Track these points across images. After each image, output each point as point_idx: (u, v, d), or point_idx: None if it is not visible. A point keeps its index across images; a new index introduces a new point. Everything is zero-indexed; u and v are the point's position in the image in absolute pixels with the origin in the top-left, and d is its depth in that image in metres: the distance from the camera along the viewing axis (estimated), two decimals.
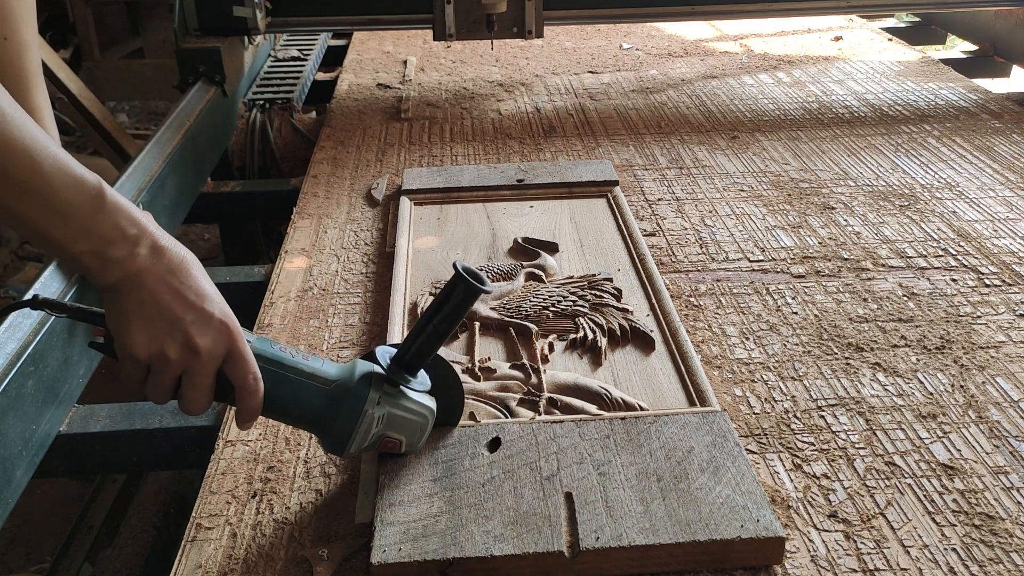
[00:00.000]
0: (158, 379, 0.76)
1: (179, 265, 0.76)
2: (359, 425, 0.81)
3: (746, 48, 2.43)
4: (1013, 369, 1.04)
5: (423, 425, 0.86)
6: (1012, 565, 0.77)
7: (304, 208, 1.49)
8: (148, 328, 0.74)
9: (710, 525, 0.77)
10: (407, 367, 0.83)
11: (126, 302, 0.74)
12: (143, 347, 0.74)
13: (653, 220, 1.42)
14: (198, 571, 0.78)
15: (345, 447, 0.82)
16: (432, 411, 0.86)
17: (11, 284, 2.66)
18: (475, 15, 1.90)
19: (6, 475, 0.86)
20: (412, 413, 0.84)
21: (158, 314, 0.74)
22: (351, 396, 0.81)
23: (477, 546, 0.75)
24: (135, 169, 1.31)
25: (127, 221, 0.73)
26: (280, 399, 0.81)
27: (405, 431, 0.84)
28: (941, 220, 1.40)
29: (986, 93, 1.98)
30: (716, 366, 1.06)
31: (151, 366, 0.76)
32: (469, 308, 0.83)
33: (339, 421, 0.81)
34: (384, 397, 0.82)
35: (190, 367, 0.76)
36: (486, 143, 1.76)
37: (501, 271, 1.21)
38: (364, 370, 0.83)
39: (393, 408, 0.83)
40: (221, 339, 0.76)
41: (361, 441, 0.82)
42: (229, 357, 0.77)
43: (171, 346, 0.75)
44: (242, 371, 0.77)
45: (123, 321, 0.75)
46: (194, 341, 0.75)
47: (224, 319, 0.77)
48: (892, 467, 0.89)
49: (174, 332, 0.75)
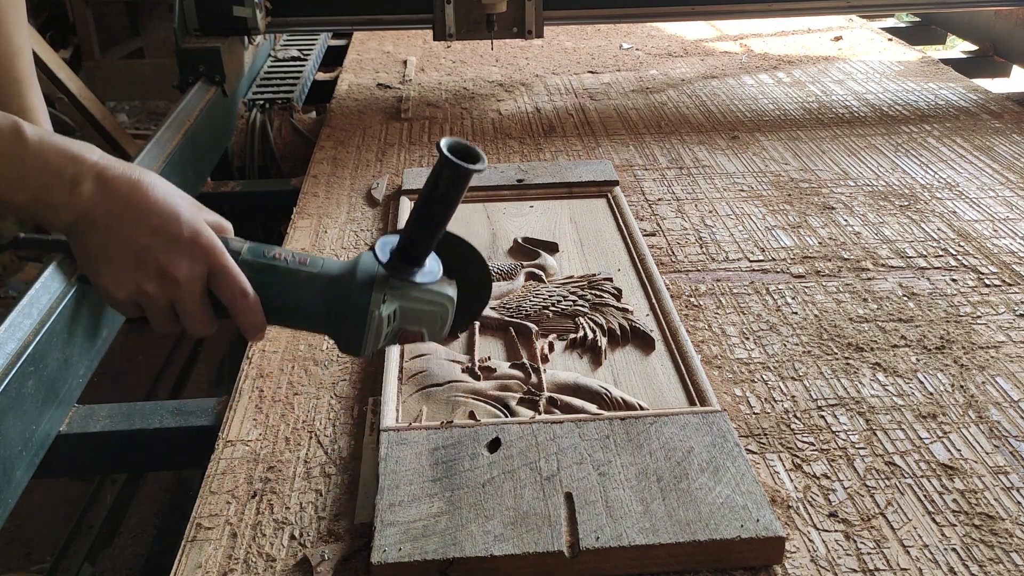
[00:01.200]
0: (151, 314, 0.72)
1: (132, 190, 0.69)
2: (368, 328, 0.77)
3: (746, 48, 2.43)
4: (1013, 369, 1.04)
5: (442, 313, 0.80)
6: (1012, 565, 0.77)
7: (304, 208, 1.49)
8: (118, 269, 0.69)
9: (710, 525, 0.77)
10: (410, 259, 0.78)
11: (87, 245, 0.69)
12: (119, 289, 0.70)
13: (653, 220, 1.42)
14: (198, 571, 0.78)
15: (360, 350, 0.78)
16: (449, 297, 0.80)
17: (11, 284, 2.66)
18: (475, 15, 1.90)
19: (6, 475, 0.86)
20: (425, 303, 0.79)
21: (122, 251, 0.69)
22: (354, 299, 0.77)
23: (477, 546, 0.75)
24: None
25: (61, 159, 0.67)
26: (281, 308, 0.77)
27: (423, 322, 0.80)
28: (941, 220, 1.40)
29: (986, 93, 1.98)
30: (716, 366, 1.06)
31: (138, 303, 0.71)
32: (464, 190, 0.76)
33: (346, 326, 0.77)
34: (390, 293, 0.77)
35: (175, 296, 0.71)
36: (486, 143, 1.76)
37: (501, 271, 1.21)
38: (366, 268, 0.78)
39: (403, 302, 0.78)
40: (197, 259, 0.70)
41: (376, 341, 0.78)
42: (212, 275, 0.72)
43: (147, 281, 0.70)
44: (229, 287, 0.72)
45: (92, 266, 0.70)
46: (168, 270, 0.69)
47: (194, 236, 0.70)
48: (892, 467, 0.89)
49: (145, 266, 0.69)
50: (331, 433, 0.95)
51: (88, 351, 1.06)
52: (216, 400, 1.04)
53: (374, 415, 0.97)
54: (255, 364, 1.07)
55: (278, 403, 1.00)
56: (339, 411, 0.99)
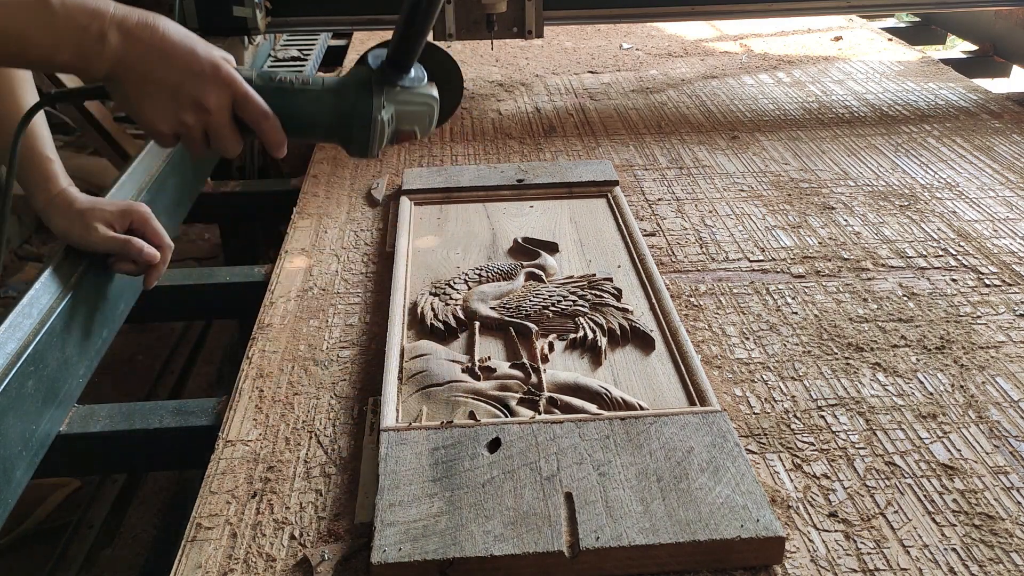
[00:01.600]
0: (188, 142, 0.84)
1: (152, 35, 0.78)
2: (373, 132, 0.90)
3: (746, 48, 2.43)
4: (1013, 369, 1.04)
5: (430, 112, 0.93)
6: (1012, 565, 0.77)
7: (304, 208, 1.49)
8: (157, 106, 0.80)
9: (710, 525, 0.77)
10: (399, 66, 0.90)
11: (126, 90, 0.80)
12: (162, 123, 0.81)
13: (653, 220, 1.42)
14: (198, 571, 0.78)
15: (369, 151, 0.91)
16: (434, 97, 0.93)
17: (11, 284, 2.66)
18: (475, 15, 1.90)
19: (6, 475, 0.86)
20: (416, 105, 0.92)
21: (158, 91, 0.79)
22: (359, 109, 0.89)
23: (477, 546, 0.75)
24: (135, 169, 1.31)
25: (85, 16, 0.75)
26: (296, 123, 0.89)
27: (415, 121, 0.93)
28: (941, 220, 1.40)
29: (986, 93, 1.98)
30: (716, 366, 1.06)
31: (177, 134, 0.83)
32: (441, 2, 0.88)
33: (355, 133, 0.90)
34: (387, 99, 0.90)
35: (207, 123, 0.83)
36: (486, 143, 1.76)
37: (501, 271, 1.21)
38: (362, 79, 0.90)
39: (398, 106, 0.91)
40: (222, 89, 0.82)
41: (380, 142, 0.91)
42: (236, 102, 0.83)
43: (184, 113, 0.81)
44: (251, 111, 0.84)
45: (134, 107, 0.80)
46: (200, 102, 0.81)
47: (215, 69, 0.81)
48: (892, 467, 0.89)
49: (180, 100, 0.80)
50: (331, 433, 0.95)
51: (88, 351, 1.06)
52: (216, 400, 1.04)
53: (374, 415, 0.97)
54: (255, 364, 1.07)
55: (278, 403, 1.00)
56: (339, 411, 0.99)
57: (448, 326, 1.08)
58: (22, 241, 2.91)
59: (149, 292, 1.28)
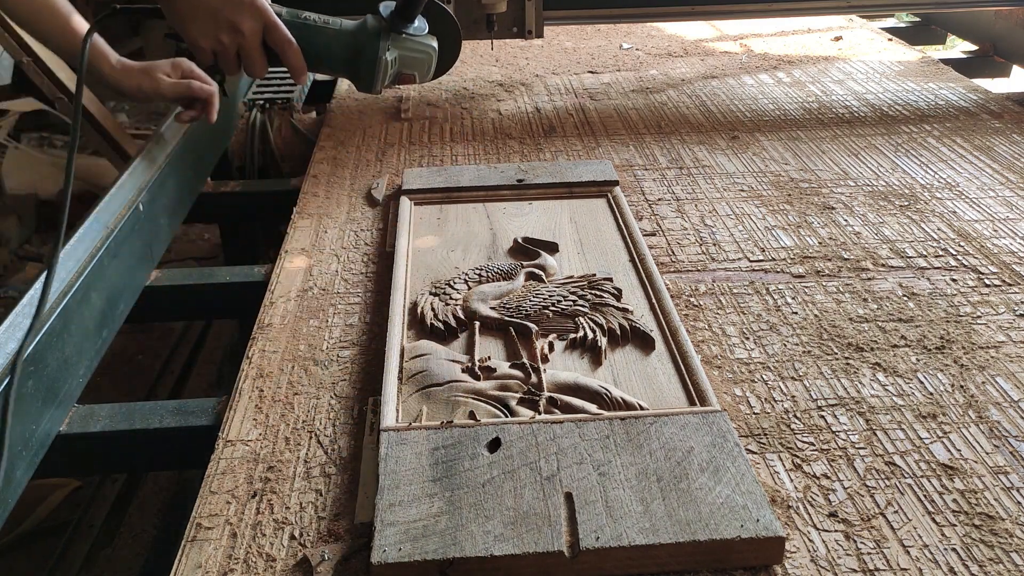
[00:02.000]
0: (223, 59, 1.06)
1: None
2: (378, 69, 1.08)
3: (746, 48, 2.43)
4: (1013, 369, 1.04)
5: (428, 60, 1.13)
6: (1012, 565, 0.77)
7: (304, 208, 1.49)
8: (201, 26, 1.02)
9: (710, 525, 0.77)
10: (405, 16, 1.08)
11: (178, 9, 1.02)
12: (203, 38, 1.03)
13: (653, 220, 1.42)
14: (198, 571, 0.78)
15: (374, 86, 1.11)
16: (433, 47, 1.13)
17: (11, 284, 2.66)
18: (475, 15, 1.90)
19: (6, 475, 0.86)
20: (417, 52, 1.11)
21: (204, 12, 1.01)
22: (368, 48, 1.08)
23: (477, 546, 0.75)
24: (135, 169, 1.31)
25: None
26: (314, 55, 1.08)
27: (415, 67, 1.12)
28: (941, 220, 1.40)
29: (986, 93, 1.98)
30: (716, 366, 1.06)
31: (215, 51, 1.04)
32: None
33: (362, 69, 1.09)
34: (393, 43, 1.08)
35: (241, 44, 1.04)
36: (486, 143, 1.76)
37: (501, 271, 1.21)
38: (373, 24, 1.08)
39: (402, 51, 1.09)
40: (256, 16, 1.02)
41: (383, 79, 1.10)
42: (266, 29, 1.04)
43: (222, 33, 1.02)
44: (279, 38, 1.05)
45: (182, 24, 1.02)
46: (236, 25, 1.02)
47: (253, 0, 1.03)
48: (892, 467, 0.89)
49: (220, 23, 1.02)
50: (331, 433, 0.95)
51: (88, 351, 1.06)
52: (216, 400, 1.04)
53: (374, 415, 0.97)
54: (255, 364, 1.07)
55: (278, 403, 1.00)
56: (339, 411, 0.99)
57: (448, 326, 1.08)
58: (22, 241, 2.91)
59: (149, 292, 1.28)
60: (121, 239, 1.19)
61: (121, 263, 1.19)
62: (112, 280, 1.14)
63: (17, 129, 3.30)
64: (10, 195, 2.99)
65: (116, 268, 1.17)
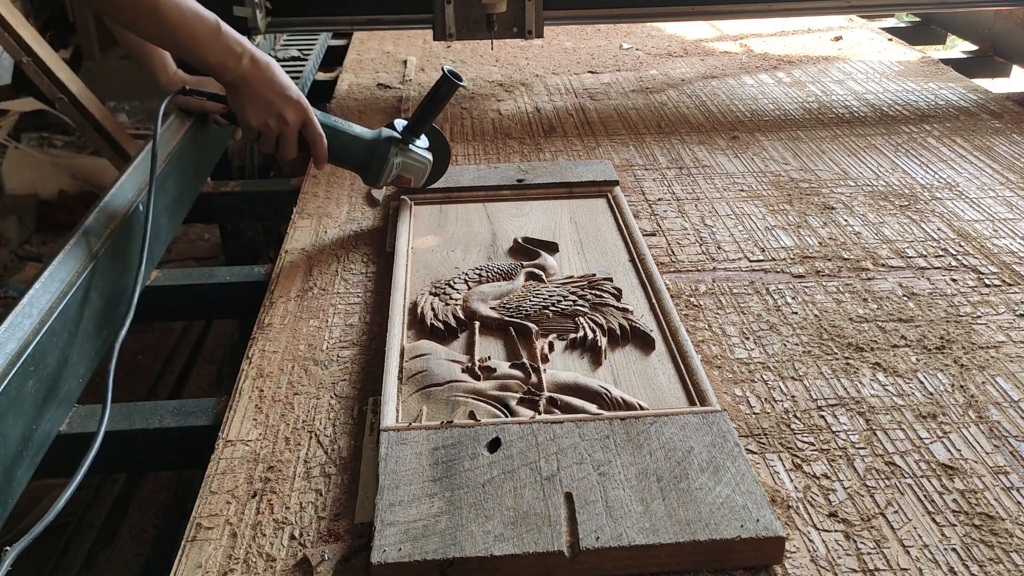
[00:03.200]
0: (265, 138, 1.24)
1: (267, 68, 1.21)
2: (385, 168, 1.30)
3: (746, 48, 2.43)
4: (1013, 369, 1.04)
5: (424, 170, 1.34)
6: (1012, 565, 0.77)
7: (304, 208, 1.49)
8: (256, 110, 1.22)
9: (710, 525, 0.77)
10: (413, 132, 1.31)
11: (241, 94, 1.21)
12: (254, 120, 1.22)
13: (653, 220, 1.42)
14: (198, 571, 0.78)
15: (379, 181, 1.32)
16: (429, 160, 1.34)
17: (11, 284, 2.66)
18: (475, 15, 1.90)
19: (6, 475, 0.86)
20: (417, 161, 1.32)
21: (260, 100, 1.21)
22: (379, 150, 1.29)
23: (477, 546, 0.75)
24: (135, 169, 1.31)
25: (235, 43, 1.18)
26: (336, 151, 1.29)
27: (413, 172, 1.33)
28: (941, 220, 1.40)
29: (986, 93, 1.98)
30: (716, 366, 1.06)
31: (260, 132, 1.23)
32: (451, 96, 1.29)
33: (372, 166, 1.30)
34: (399, 151, 1.30)
35: (283, 130, 1.23)
36: (486, 143, 1.76)
37: (501, 271, 1.21)
38: (387, 134, 1.30)
39: (405, 159, 1.31)
40: (299, 112, 1.23)
41: (387, 177, 1.31)
42: (304, 124, 1.24)
43: (270, 119, 1.22)
44: (313, 132, 1.25)
45: (240, 105, 1.22)
46: (283, 115, 1.22)
47: (299, 100, 1.24)
48: (892, 467, 0.89)
49: (271, 110, 1.22)
50: (331, 433, 0.95)
51: (88, 351, 1.06)
52: (216, 400, 1.04)
53: (374, 415, 0.97)
54: (255, 364, 1.07)
55: (278, 403, 1.00)
56: (339, 411, 0.99)
57: (448, 326, 1.08)
58: (22, 241, 2.91)
59: (149, 292, 1.28)
60: (121, 239, 1.19)
61: (121, 263, 1.19)
62: (112, 280, 1.14)
63: (17, 129, 3.30)
64: (10, 195, 2.99)
65: (116, 268, 1.17)
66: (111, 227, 1.18)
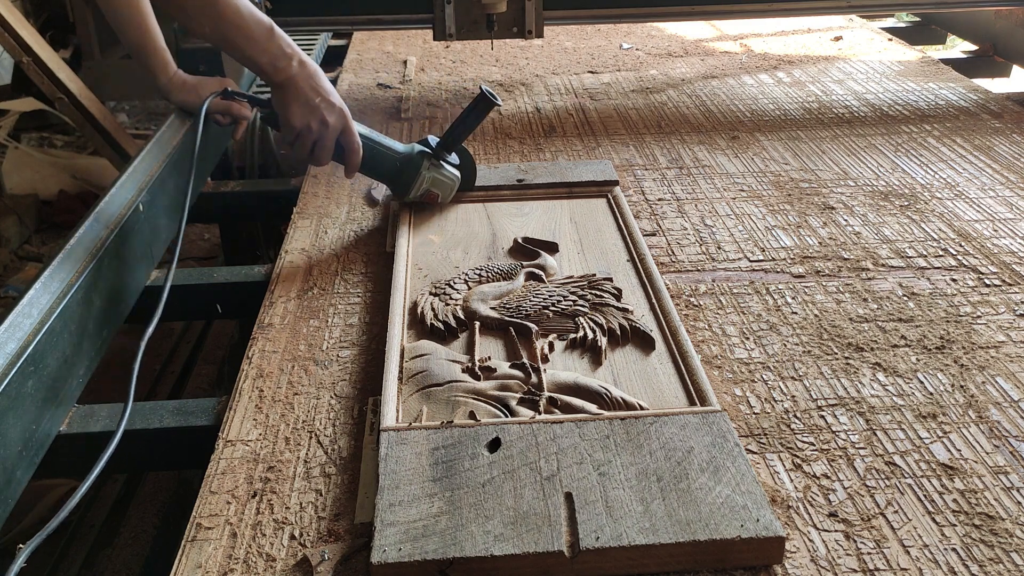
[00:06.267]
0: (303, 139, 1.27)
1: (314, 73, 1.26)
2: (416, 181, 1.34)
3: (746, 48, 2.43)
4: (1013, 369, 1.04)
5: (452, 186, 1.38)
6: (1012, 565, 0.77)
7: (304, 208, 1.49)
8: (299, 110, 1.25)
9: (710, 525, 0.77)
10: (446, 149, 1.35)
11: (287, 94, 1.25)
12: (297, 120, 1.25)
13: (653, 220, 1.42)
14: (198, 571, 0.78)
15: (408, 193, 1.35)
16: (458, 177, 1.38)
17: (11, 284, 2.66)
18: (475, 15, 1.90)
19: (6, 475, 0.86)
20: (446, 177, 1.36)
21: (306, 102, 1.25)
22: (412, 163, 1.34)
23: (477, 546, 0.75)
24: (135, 169, 1.31)
25: (287, 45, 1.24)
26: (370, 162, 1.33)
27: (441, 188, 1.36)
28: (941, 220, 1.40)
29: (986, 93, 1.98)
30: (716, 366, 1.06)
31: (299, 133, 1.26)
32: (487, 115, 1.35)
33: (404, 178, 1.34)
34: (431, 166, 1.34)
35: (321, 135, 1.26)
36: (486, 143, 1.76)
37: (501, 271, 1.21)
38: (420, 149, 1.35)
39: (436, 174, 1.35)
40: (340, 118, 1.27)
41: (416, 191, 1.35)
42: (343, 131, 1.28)
43: (312, 121, 1.25)
44: (350, 140, 1.29)
45: (286, 104, 1.25)
46: (325, 118, 1.25)
47: (342, 107, 1.28)
48: (892, 467, 0.89)
49: (314, 113, 1.25)
50: (331, 433, 0.95)
51: (88, 351, 1.06)
52: (216, 400, 1.04)
53: (374, 415, 0.97)
54: (255, 364, 1.07)
55: (278, 403, 1.00)
56: (339, 411, 0.99)
57: (448, 326, 1.08)
58: (22, 241, 2.91)
59: (149, 292, 1.28)
60: (121, 239, 1.19)
61: (121, 263, 1.19)
62: (112, 280, 1.14)
63: (17, 129, 3.30)
64: (10, 195, 2.99)
65: (116, 268, 1.17)
66: (111, 227, 1.18)
